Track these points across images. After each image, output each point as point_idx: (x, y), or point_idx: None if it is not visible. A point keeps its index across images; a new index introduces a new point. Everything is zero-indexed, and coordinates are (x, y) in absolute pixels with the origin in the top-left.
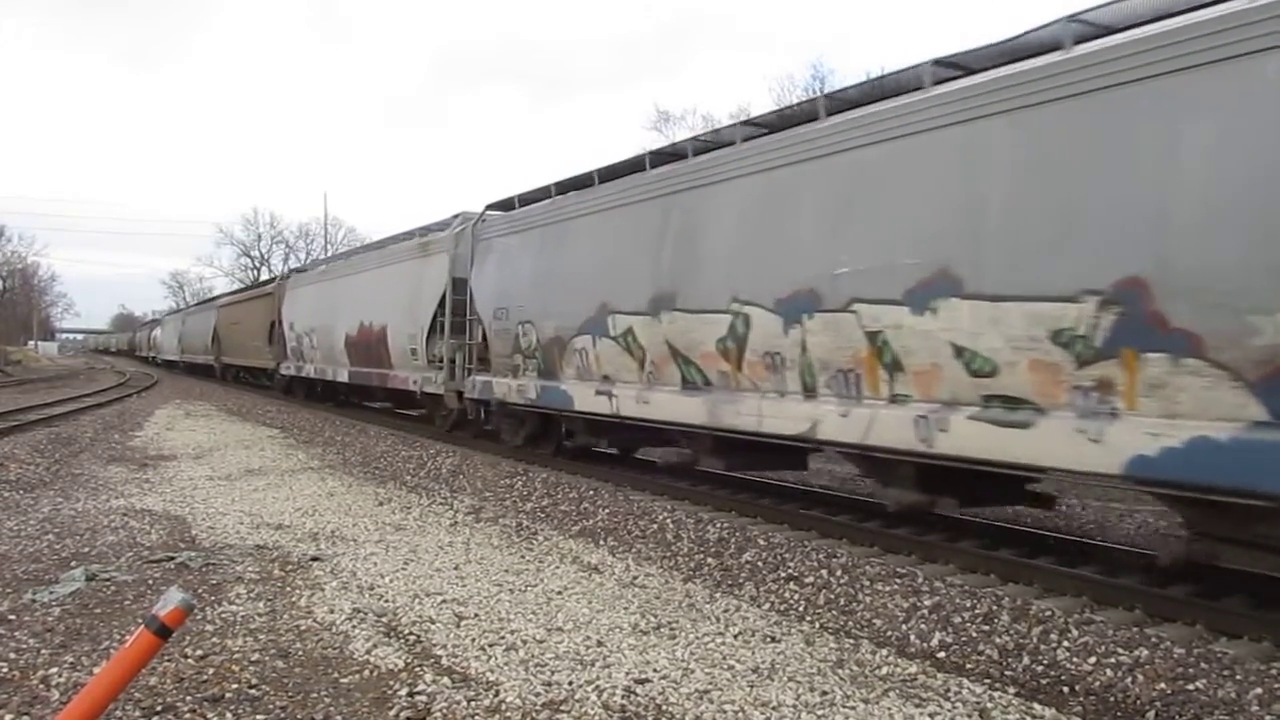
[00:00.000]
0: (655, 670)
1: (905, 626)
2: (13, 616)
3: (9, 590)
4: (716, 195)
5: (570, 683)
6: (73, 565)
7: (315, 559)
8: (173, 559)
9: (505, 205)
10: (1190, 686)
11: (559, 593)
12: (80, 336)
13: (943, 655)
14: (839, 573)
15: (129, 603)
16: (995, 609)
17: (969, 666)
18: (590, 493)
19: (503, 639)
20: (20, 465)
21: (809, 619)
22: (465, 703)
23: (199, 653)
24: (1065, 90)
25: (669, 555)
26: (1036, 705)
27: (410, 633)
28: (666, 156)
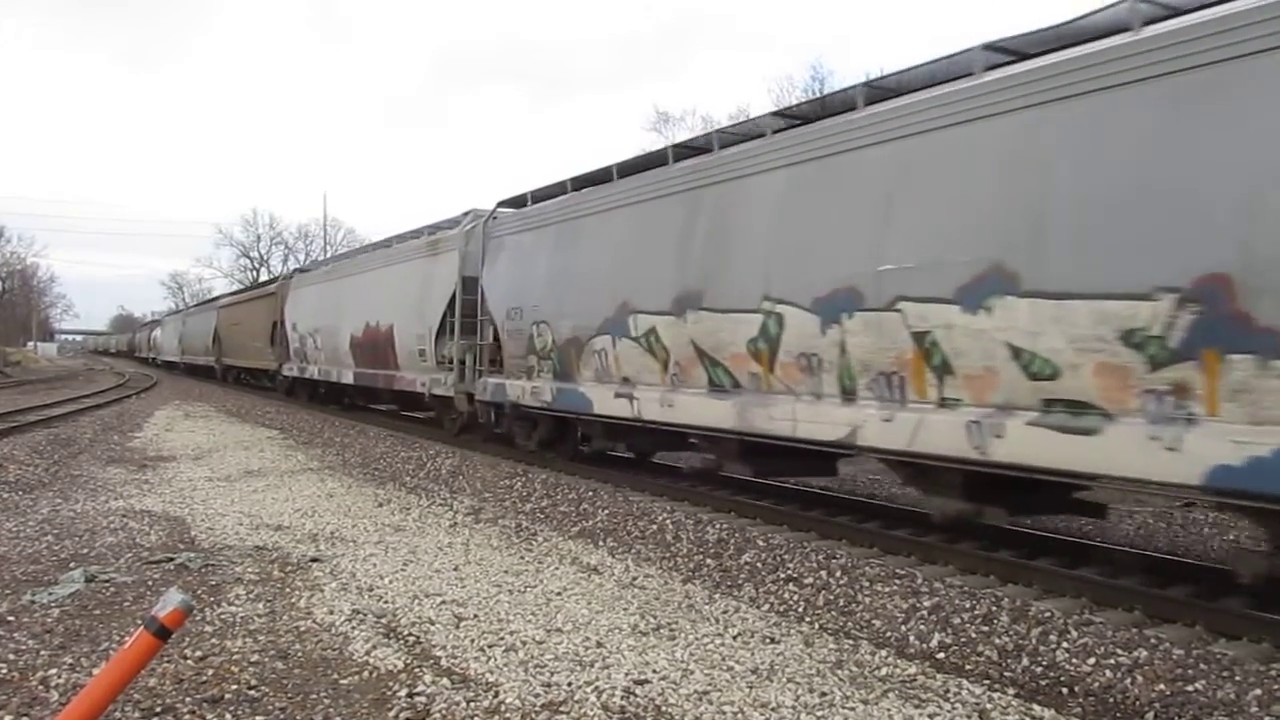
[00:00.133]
0: (654, 671)
1: (904, 627)
2: (12, 618)
3: (8, 591)
4: (746, 189)
5: (569, 684)
6: (72, 566)
7: (315, 560)
8: (172, 560)
9: (518, 202)
10: (1189, 687)
11: (558, 594)
12: (79, 338)
13: (942, 656)
14: (838, 574)
15: (128, 604)
16: (994, 610)
17: (968, 667)
18: (589, 494)
19: (502, 640)
20: (19, 466)
21: (808, 620)
22: (465, 704)
23: (198, 654)
24: (1140, 73)
25: (668, 556)
26: (1036, 706)
27: (410, 634)
28: (691, 150)
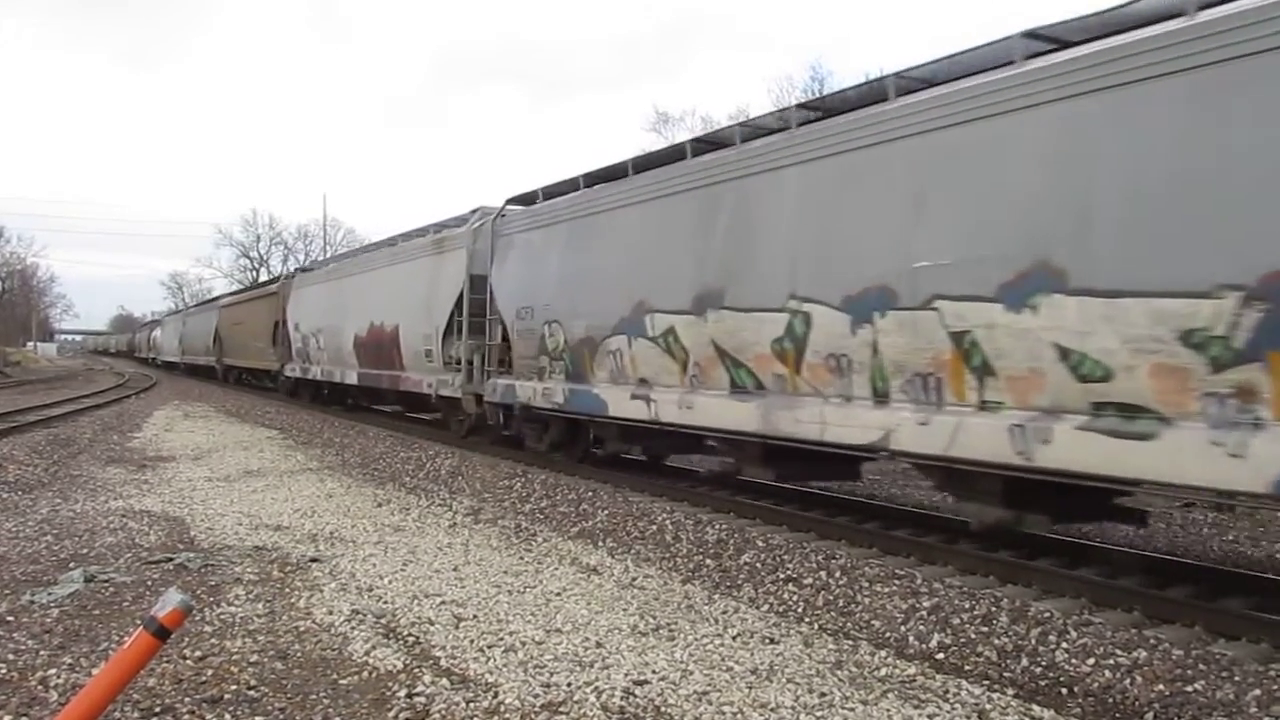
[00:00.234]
0: (654, 672)
1: (904, 628)
2: (11, 618)
3: (7, 591)
4: (771, 184)
5: (569, 684)
6: (71, 566)
7: (314, 560)
8: (171, 560)
9: (527, 199)
10: (1189, 688)
11: (558, 594)
12: (79, 338)
13: (941, 656)
14: (838, 574)
15: (127, 604)
16: (994, 610)
17: (968, 668)
18: (589, 494)
19: (501, 640)
20: (19, 466)
21: (808, 620)
22: (464, 704)
23: (197, 654)
24: (1198, 59)
25: (668, 557)
26: (1035, 706)
27: (409, 634)
28: (710, 144)
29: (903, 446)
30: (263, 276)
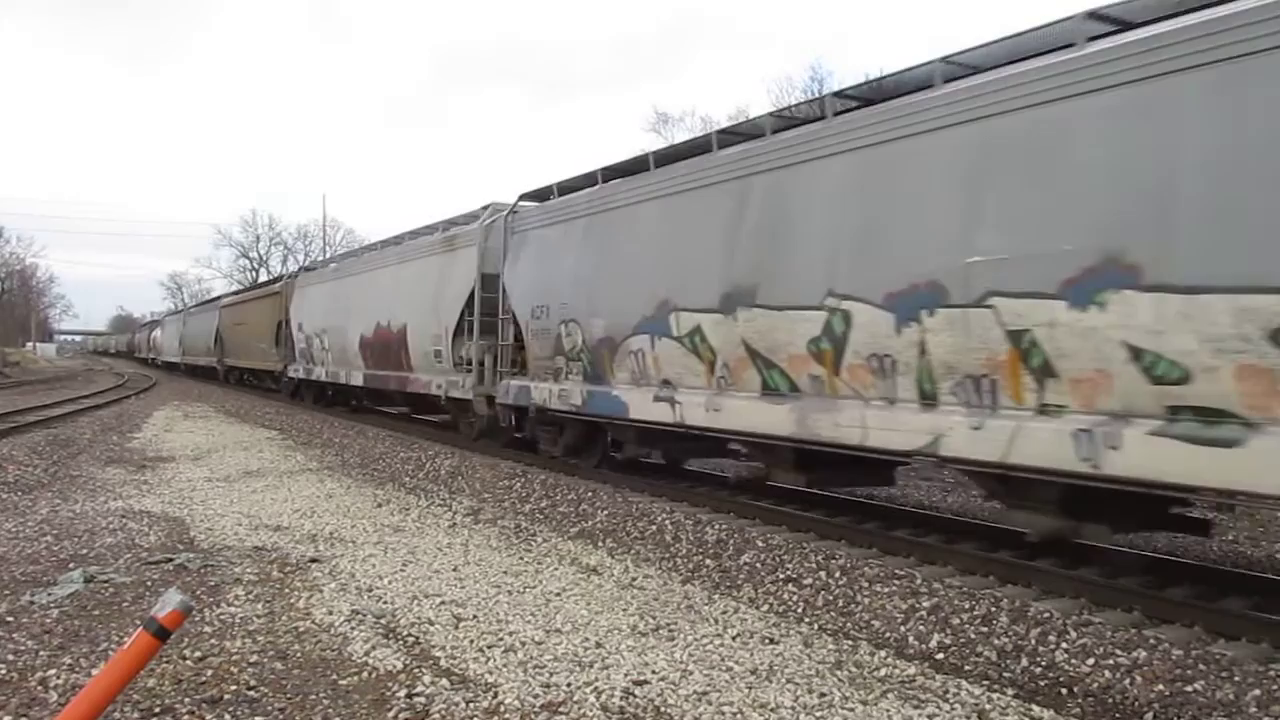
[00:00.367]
0: (654, 672)
1: (904, 628)
2: (11, 618)
3: (7, 592)
4: (807, 176)
5: (569, 684)
6: (71, 567)
7: (314, 560)
8: (171, 561)
9: (541, 195)
10: (1189, 688)
11: (557, 594)
12: (78, 338)
13: (941, 657)
14: (837, 574)
15: (127, 604)
16: (994, 610)
17: (967, 668)
18: (589, 494)
19: (501, 640)
20: (18, 467)
21: (807, 620)
22: (464, 704)
23: (197, 654)
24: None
25: (667, 557)
26: (1035, 706)
27: (409, 634)
28: (738, 136)
29: (954, 452)
30: (262, 277)
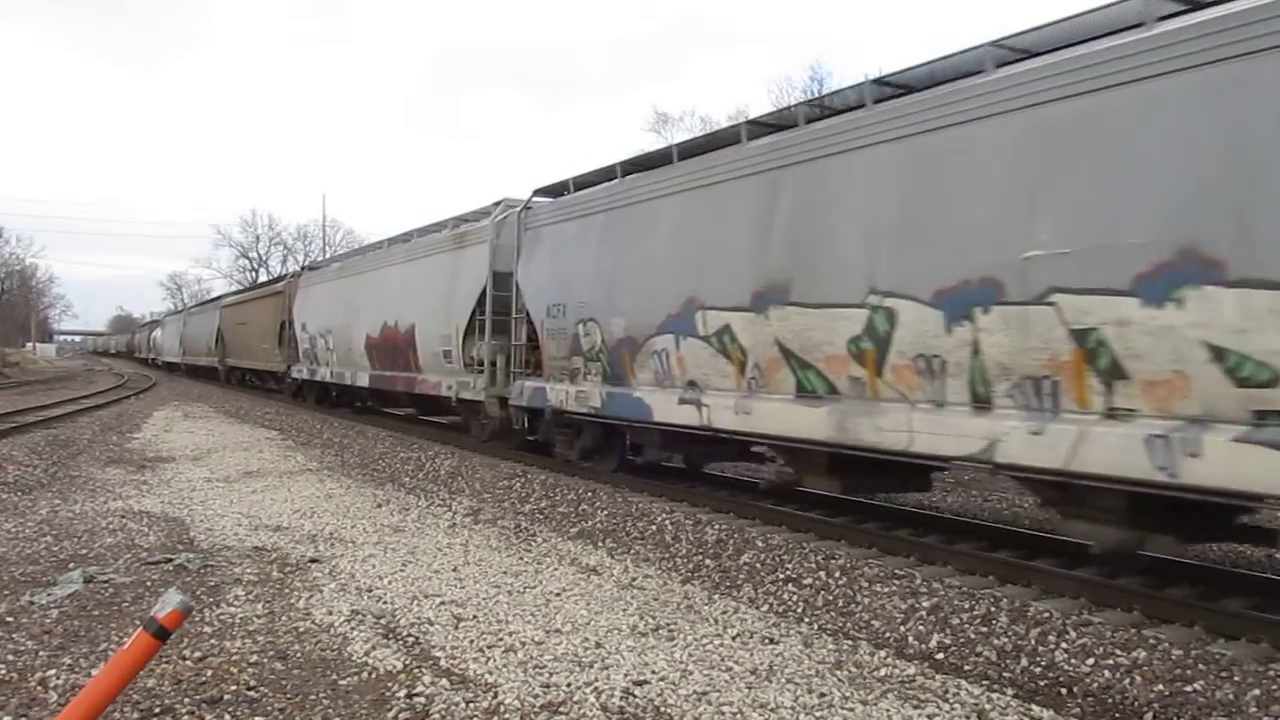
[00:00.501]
0: (653, 672)
1: (904, 628)
2: (10, 618)
3: (7, 592)
4: (845, 167)
5: (569, 684)
6: (71, 567)
7: (314, 561)
8: (171, 561)
9: (556, 190)
10: (1188, 688)
11: (557, 594)
12: (78, 338)
13: (941, 656)
14: (837, 574)
15: (127, 605)
16: (993, 610)
17: (967, 668)
18: (589, 494)
19: (501, 640)
20: (18, 467)
21: (807, 620)
22: (464, 704)
23: (197, 654)
24: None
25: (667, 557)
26: (1035, 706)
27: (409, 634)
28: (768, 126)
29: (1011, 459)
30: (262, 277)
